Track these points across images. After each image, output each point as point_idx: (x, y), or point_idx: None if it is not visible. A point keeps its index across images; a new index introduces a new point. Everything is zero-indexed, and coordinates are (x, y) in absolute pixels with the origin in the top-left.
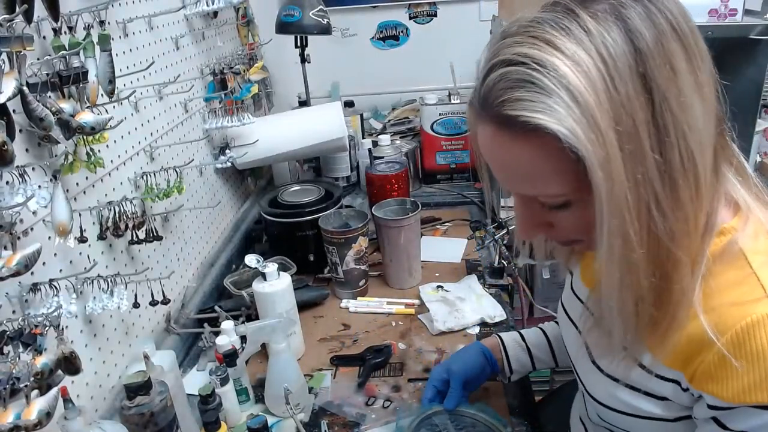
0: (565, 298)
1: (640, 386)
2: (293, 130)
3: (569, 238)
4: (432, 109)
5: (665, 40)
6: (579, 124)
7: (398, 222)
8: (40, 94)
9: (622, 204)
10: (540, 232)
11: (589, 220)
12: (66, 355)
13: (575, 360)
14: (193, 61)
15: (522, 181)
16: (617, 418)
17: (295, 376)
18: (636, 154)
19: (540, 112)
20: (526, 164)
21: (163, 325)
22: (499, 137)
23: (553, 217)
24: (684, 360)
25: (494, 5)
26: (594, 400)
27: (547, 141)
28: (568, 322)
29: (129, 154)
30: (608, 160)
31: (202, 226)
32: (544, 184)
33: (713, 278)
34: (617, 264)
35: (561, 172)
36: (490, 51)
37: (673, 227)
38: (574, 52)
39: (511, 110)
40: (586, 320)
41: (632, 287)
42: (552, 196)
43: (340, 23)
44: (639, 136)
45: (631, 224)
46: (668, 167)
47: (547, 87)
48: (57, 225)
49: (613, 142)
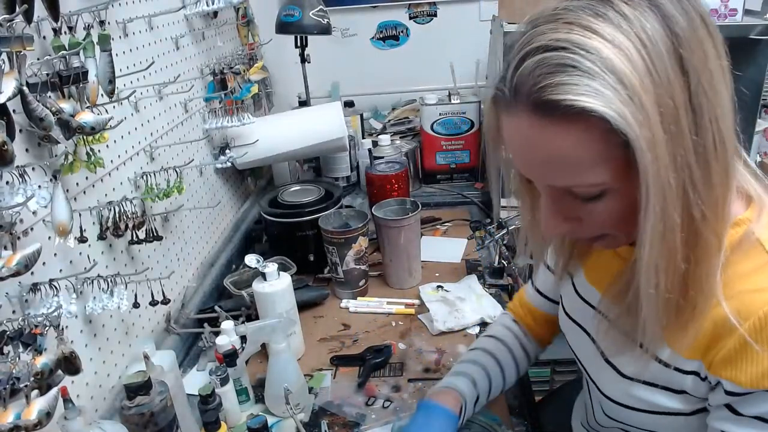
0: (568, 304)
1: (659, 381)
2: (293, 130)
3: (598, 232)
4: (432, 109)
5: (695, 25)
6: (627, 106)
7: (398, 222)
8: (40, 94)
9: (665, 187)
10: (568, 226)
11: (622, 211)
12: (66, 355)
13: (586, 363)
14: (193, 61)
15: (560, 170)
16: (633, 416)
17: (295, 376)
18: (677, 135)
19: (585, 95)
20: (568, 151)
21: (163, 325)
22: (537, 126)
23: (584, 210)
24: (704, 348)
25: (494, 5)
26: (608, 399)
27: (592, 125)
28: (575, 328)
29: (129, 154)
30: (654, 142)
31: (202, 226)
32: (585, 172)
33: (731, 267)
34: (659, 249)
35: (604, 159)
36: (518, 42)
37: (705, 210)
38: (613, 37)
39: (554, 95)
40: (600, 323)
41: (671, 273)
42: (590, 186)
43: (340, 23)
44: (679, 118)
45: (673, 207)
46: (703, 150)
47: (591, 70)
48: (57, 225)
49: (657, 123)
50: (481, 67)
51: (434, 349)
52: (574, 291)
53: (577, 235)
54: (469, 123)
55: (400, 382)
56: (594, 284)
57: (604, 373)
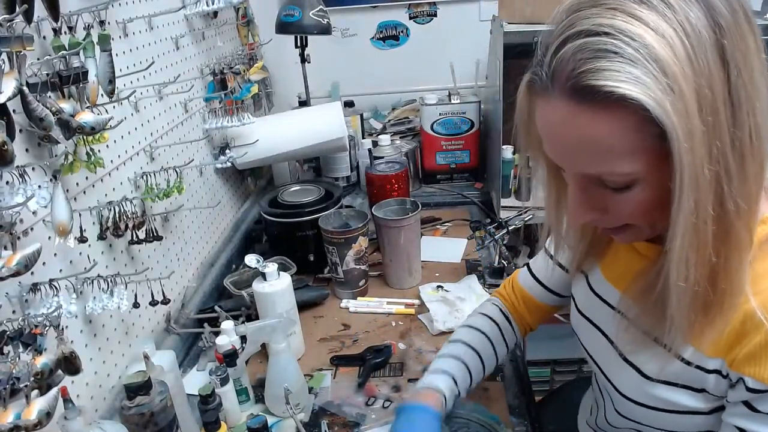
0: (582, 303)
1: (680, 380)
2: (293, 130)
3: (623, 222)
4: (432, 109)
5: (739, 19)
6: (667, 95)
7: (398, 222)
8: (40, 94)
9: (700, 178)
10: (594, 216)
11: (650, 202)
12: (66, 355)
13: (602, 362)
14: (193, 61)
15: (593, 158)
16: (649, 415)
17: (295, 376)
18: (715, 126)
19: (626, 82)
20: (604, 138)
21: (163, 325)
22: (574, 111)
23: (611, 199)
24: (729, 345)
25: (494, 5)
26: (626, 398)
27: (630, 113)
28: (589, 327)
29: (129, 154)
30: (692, 133)
31: (202, 226)
32: (618, 160)
33: (759, 263)
34: (689, 241)
35: (638, 148)
36: (559, 25)
37: (739, 204)
38: (657, 24)
39: (594, 80)
40: (620, 322)
41: (698, 265)
42: (621, 175)
43: (340, 23)
44: (717, 109)
45: (707, 200)
46: (740, 143)
47: (634, 57)
48: (57, 225)
49: (695, 113)
50: (481, 67)
51: (434, 349)
52: (590, 289)
53: (600, 225)
54: (469, 123)
55: (400, 382)
56: (613, 282)
57: (623, 372)
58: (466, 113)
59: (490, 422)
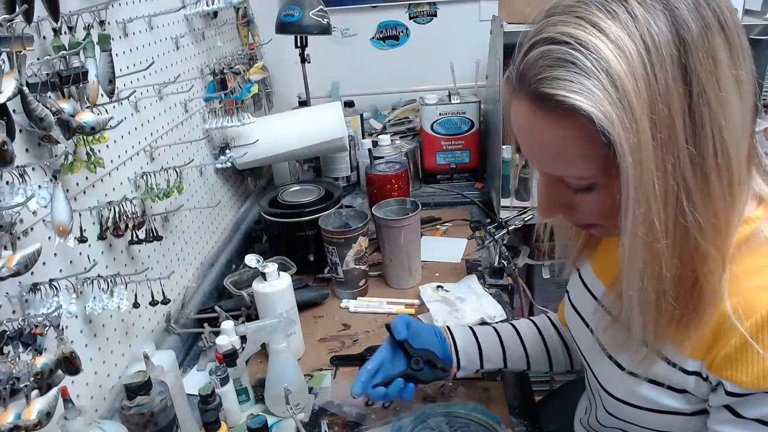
0: (574, 295)
1: (662, 380)
2: (293, 130)
3: (588, 221)
4: (432, 109)
5: (710, 33)
6: (614, 108)
7: (398, 222)
8: (40, 94)
9: (649, 192)
10: (560, 212)
11: (611, 206)
12: (66, 355)
13: (589, 358)
14: (193, 61)
15: (550, 160)
16: (633, 414)
17: (295, 376)
18: (668, 143)
19: (577, 93)
20: (557, 144)
21: (163, 325)
22: (533, 114)
23: (576, 199)
24: (706, 347)
25: (494, 5)
26: (609, 394)
27: (580, 123)
28: (578, 321)
29: (129, 154)
30: (639, 147)
31: (202, 226)
32: (572, 165)
33: (737, 264)
34: (640, 253)
35: (590, 156)
36: (533, 28)
37: (702, 220)
38: (618, 37)
39: (549, 88)
40: (601, 318)
41: (654, 278)
42: (578, 178)
43: (340, 23)
44: (674, 126)
45: (657, 213)
46: (701, 160)
47: (587, 68)
48: (57, 225)
49: (646, 129)
50: (481, 67)
51: None
52: (581, 281)
53: (570, 221)
54: (469, 123)
55: None
56: (600, 276)
57: (606, 367)
58: (466, 113)
59: (490, 422)
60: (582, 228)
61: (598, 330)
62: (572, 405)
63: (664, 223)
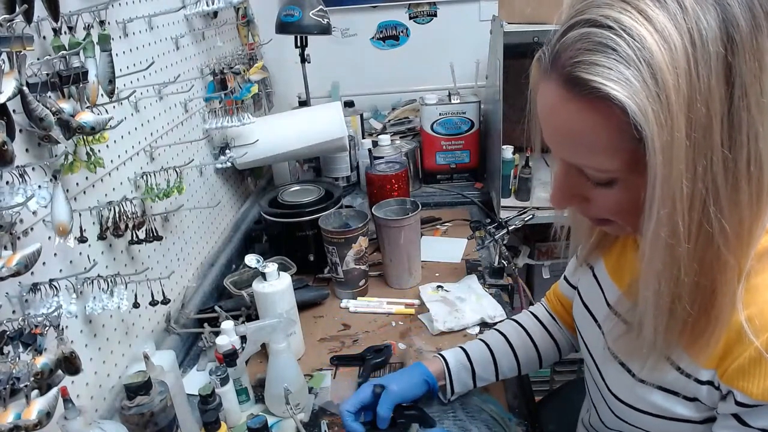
0: (586, 293)
1: (673, 387)
2: (293, 130)
3: (602, 216)
4: (432, 109)
5: (760, 35)
6: (651, 102)
7: (398, 222)
8: (40, 94)
9: (676, 192)
10: (573, 204)
11: (628, 203)
12: (66, 355)
13: (598, 360)
14: (193, 61)
15: (574, 148)
16: (642, 419)
17: (295, 376)
18: (702, 144)
19: (614, 82)
20: (584, 132)
21: (163, 325)
22: (564, 98)
23: (593, 192)
24: (720, 357)
25: (494, 5)
26: (619, 400)
27: (613, 113)
28: (590, 320)
29: (129, 154)
30: (671, 146)
31: (202, 226)
32: (596, 156)
33: (757, 276)
34: (660, 254)
35: (617, 149)
36: (573, 8)
37: (727, 227)
38: (664, 27)
39: (585, 73)
40: (615, 325)
41: (672, 281)
42: (600, 171)
43: (340, 23)
44: (710, 127)
45: (681, 215)
46: (733, 165)
47: (628, 57)
48: (57, 225)
49: (681, 127)
50: (481, 67)
51: (434, 349)
52: (595, 281)
53: (583, 214)
54: (469, 123)
55: None
56: (615, 279)
57: (616, 372)
58: (466, 113)
59: (502, 416)
60: (595, 223)
61: (610, 336)
62: (572, 405)
63: (687, 226)
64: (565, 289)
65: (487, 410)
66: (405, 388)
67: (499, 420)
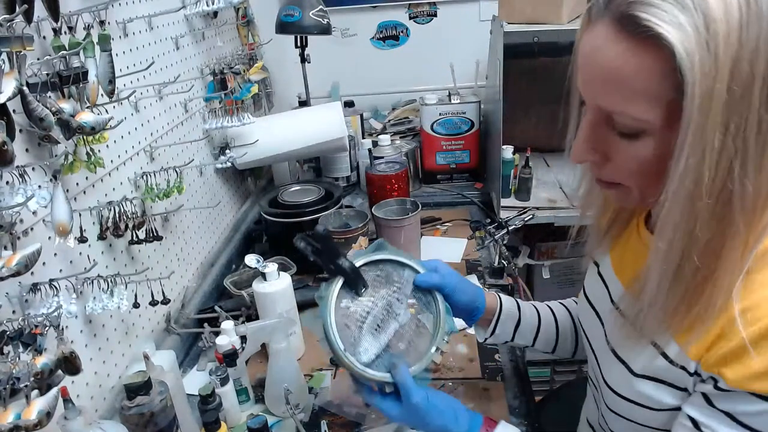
0: (590, 290)
1: (664, 377)
2: (293, 130)
3: (616, 178)
4: (432, 109)
5: None
6: (699, 49)
7: (398, 222)
8: (40, 94)
9: (707, 143)
10: (594, 158)
11: (650, 162)
12: (66, 355)
13: (598, 352)
14: (193, 61)
15: (612, 91)
16: (633, 411)
17: (295, 376)
18: (741, 102)
19: (668, 24)
20: (627, 73)
21: (163, 325)
22: (613, 37)
23: (617, 146)
24: (706, 348)
25: (494, 5)
26: (612, 391)
27: (660, 56)
28: (592, 314)
29: (129, 154)
30: (711, 96)
31: (202, 226)
32: (633, 101)
33: (759, 273)
34: (680, 204)
35: (656, 95)
36: None
37: (747, 192)
38: None
39: (641, 11)
40: (615, 318)
41: (686, 235)
42: (633, 119)
43: (340, 23)
44: (751, 86)
45: (708, 168)
46: (765, 131)
47: (685, 3)
48: (57, 225)
49: (724, 80)
50: (481, 67)
51: None
52: (600, 279)
53: (596, 174)
54: (469, 123)
55: None
56: (619, 275)
57: (613, 366)
58: (466, 113)
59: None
60: (603, 186)
61: (611, 331)
62: (572, 405)
63: (712, 180)
64: None
65: (433, 311)
66: (456, 284)
67: (433, 329)
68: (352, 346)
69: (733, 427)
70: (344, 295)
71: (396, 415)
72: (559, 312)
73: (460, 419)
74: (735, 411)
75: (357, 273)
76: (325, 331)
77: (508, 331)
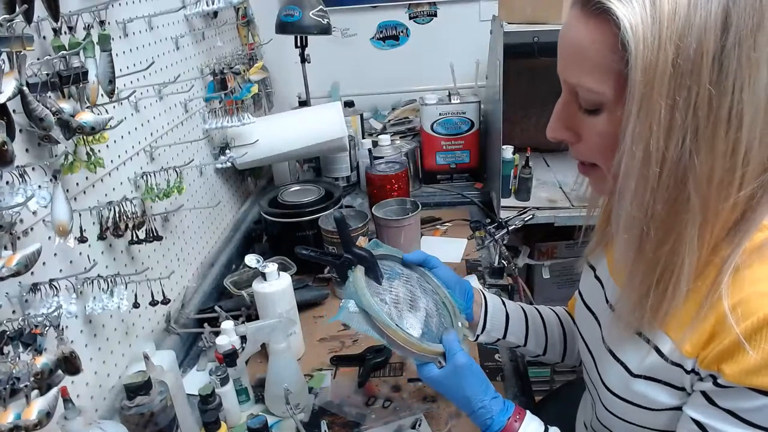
0: (585, 287)
1: (659, 376)
2: (293, 130)
3: (589, 158)
4: (432, 109)
5: None
6: (643, 23)
7: (398, 222)
8: (40, 94)
9: (653, 115)
10: (566, 136)
11: (611, 139)
12: (66, 355)
13: (595, 353)
14: (193, 61)
15: (573, 64)
16: (629, 411)
17: (295, 376)
18: (687, 76)
19: (619, 0)
20: (583, 46)
21: (163, 325)
22: (579, 16)
23: (583, 123)
24: (702, 346)
25: (494, 5)
26: (609, 391)
27: (609, 29)
28: (586, 312)
29: (129, 154)
30: (654, 67)
31: (202, 226)
32: (588, 73)
33: (747, 269)
34: (633, 173)
35: (610, 69)
36: None
37: (700, 169)
38: None
39: None
40: (609, 316)
41: (642, 206)
42: (590, 92)
43: (340, 23)
44: (699, 64)
45: (656, 138)
46: (717, 108)
47: None
48: (57, 225)
49: (668, 53)
50: (481, 67)
51: None
52: (597, 281)
53: (575, 156)
54: (469, 123)
55: (400, 382)
56: (614, 277)
57: (610, 367)
58: (466, 113)
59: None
60: (582, 170)
61: (605, 328)
62: (572, 405)
63: (662, 152)
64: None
65: (441, 294)
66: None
67: (449, 307)
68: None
69: (736, 425)
70: (369, 283)
71: (435, 376)
72: (546, 312)
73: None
74: (737, 408)
75: (375, 260)
76: (373, 314)
77: (498, 326)
